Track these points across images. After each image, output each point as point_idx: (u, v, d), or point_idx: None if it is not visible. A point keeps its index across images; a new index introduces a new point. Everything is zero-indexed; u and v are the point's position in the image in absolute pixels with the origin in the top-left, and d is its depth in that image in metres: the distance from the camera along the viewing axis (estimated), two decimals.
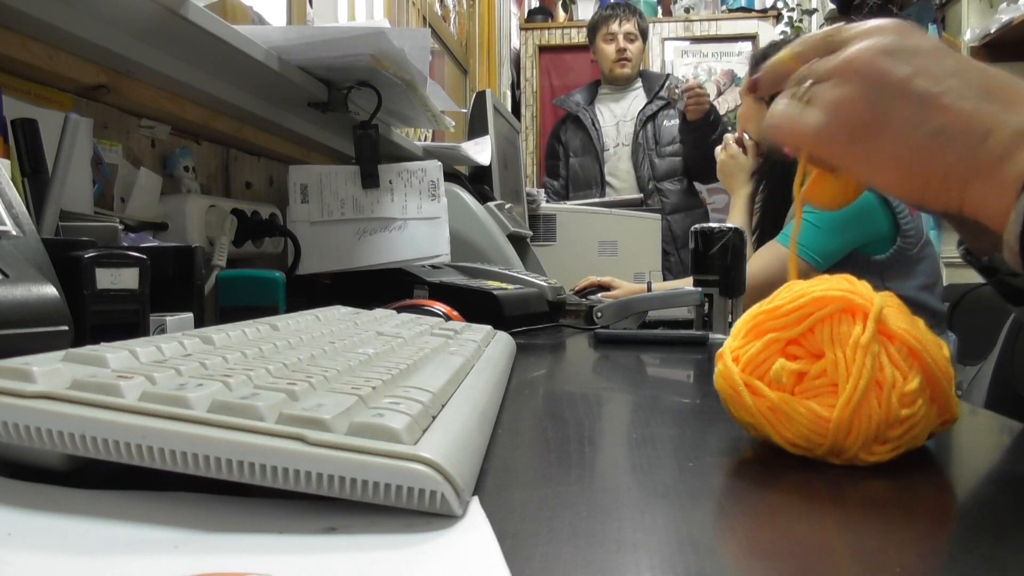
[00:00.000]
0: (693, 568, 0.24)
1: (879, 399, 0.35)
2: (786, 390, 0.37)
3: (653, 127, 2.74)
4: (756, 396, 0.37)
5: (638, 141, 2.74)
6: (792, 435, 0.36)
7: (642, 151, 2.73)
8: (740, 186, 1.64)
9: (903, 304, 0.39)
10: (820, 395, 0.36)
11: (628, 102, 2.83)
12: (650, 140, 2.74)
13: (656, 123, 2.75)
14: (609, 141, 2.81)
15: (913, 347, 0.36)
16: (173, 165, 0.95)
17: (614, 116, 2.84)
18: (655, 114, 2.75)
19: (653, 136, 2.73)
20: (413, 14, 2.37)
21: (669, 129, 2.74)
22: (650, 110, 2.75)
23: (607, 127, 2.83)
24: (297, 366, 0.36)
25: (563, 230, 1.98)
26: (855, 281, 0.38)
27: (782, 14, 3.86)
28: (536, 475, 0.35)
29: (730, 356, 0.39)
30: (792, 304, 0.38)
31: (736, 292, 0.97)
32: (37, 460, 0.29)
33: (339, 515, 0.26)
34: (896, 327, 0.36)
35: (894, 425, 0.35)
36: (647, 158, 2.72)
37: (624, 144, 2.80)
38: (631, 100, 2.83)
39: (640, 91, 2.84)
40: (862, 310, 0.36)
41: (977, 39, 2.81)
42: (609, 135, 2.82)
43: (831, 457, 0.36)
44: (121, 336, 0.39)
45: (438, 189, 1.09)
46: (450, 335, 0.58)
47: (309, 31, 0.99)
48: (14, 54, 0.68)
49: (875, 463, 0.35)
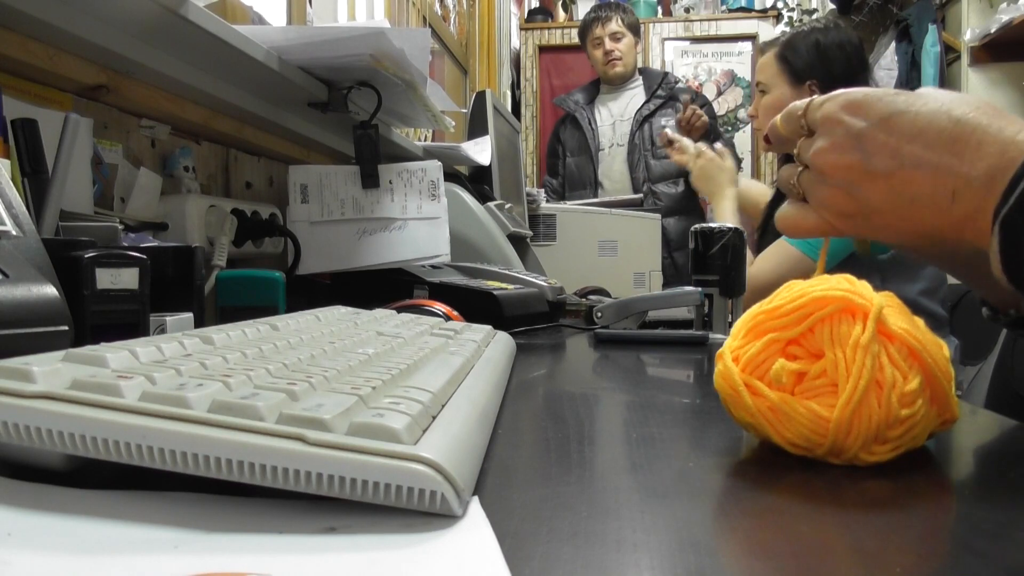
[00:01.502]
0: (693, 568, 0.24)
1: (879, 399, 0.35)
2: (786, 390, 0.37)
3: (650, 127, 2.72)
4: (756, 396, 0.37)
5: (634, 141, 2.72)
6: (792, 435, 0.36)
7: (638, 152, 2.71)
8: (722, 188, 1.61)
9: (903, 304, 0.39)
10: (820, 395, 0.36)
11: (626, 100, 2.82)
12: (646, 140, 2.72)
13: (653, 123, 2.73)
14: (604, 141, 2.80)
15: (913, 347, 0.36)
16: (173, 165, 0.95)
17: (611, 115, 2.82)
18: (652, 114, 2.73)
19: (649, 137, 2.71)
20: (413, 14, 2.37)
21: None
22: (647, 110, 2.74)
23: (603, 127, 2.82)
24: (297, 366, 0.36)
25: (563, 230, 1.98)
26: (855, 281, 0.38)
27: (782, 14, 3.86)
28: (536, 475, 0.35)
29: (730, 356, 0.39)
30: (792, 304, 0.38)
31: (736, 292, 0.97)
32: (37, 460, 0.29)
33: (339, 515, 0.26)
34: (896, 327, 0.36)
35: (894, 425, 0.35)
36: (643, 159, 2.70)
37: (620, 144, 2.78)
38: (629, 98, 2.82)
39: (640, 89, 2.82)
40: (862, 310, 0.36)
41: (977, 39, 2.81)
42: (605, 135, 2.80)
43: (831, 457, 0.36)
44: (121, 336, 0.39)
45: (438, 189, 1.09)
46: (450, 335, 0.58)
47: (309, 31, 0.99)
48: (14, 54, 0.68)
49: (875, 463, 0.35)
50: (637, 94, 2.82)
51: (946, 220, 0.40)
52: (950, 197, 0.39)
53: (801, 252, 1.35)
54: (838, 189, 0.44)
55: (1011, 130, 0.38)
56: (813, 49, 1.46)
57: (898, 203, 0.42)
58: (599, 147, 2.79)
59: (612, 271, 1.90)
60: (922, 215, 0.41)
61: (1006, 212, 0.37)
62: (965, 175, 0.39)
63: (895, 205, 0.42)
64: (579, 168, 2.79)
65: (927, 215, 0.41)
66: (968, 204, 0.39)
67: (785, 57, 1.49)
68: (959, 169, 0.39)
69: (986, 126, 0.39)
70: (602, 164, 2.79)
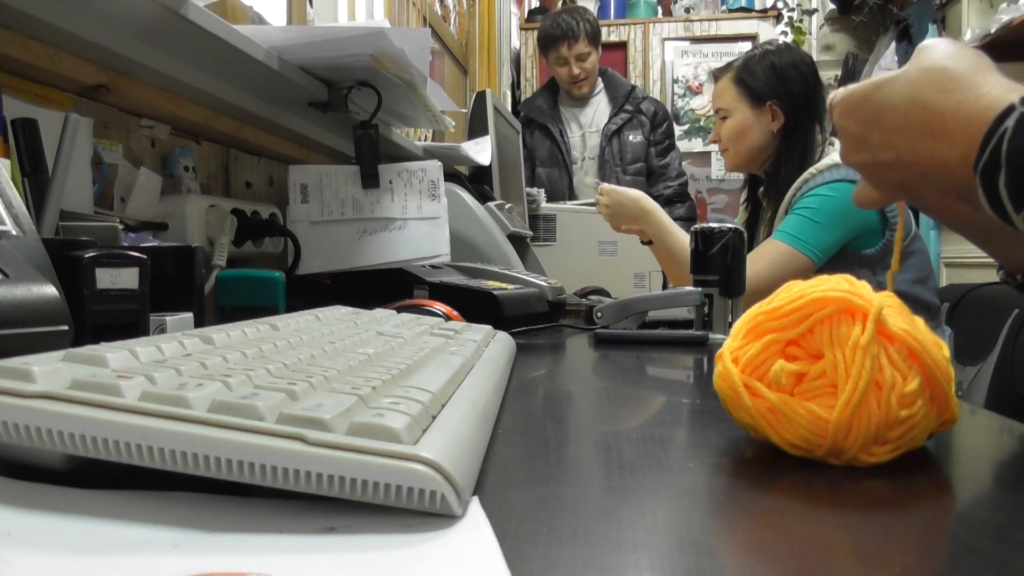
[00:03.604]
0: (693, 568, 0.24)
1: (878, 400, 0.35)
2: (785, 391, 0.37)
3: (619, 142, 2.67)
4: (755, 397, 0.37)
5: (604, 157, 2.67)
6: (791, 436, 0.36)
7: (608, 167, 2.66)
8: (646, 216, 1.46)
9: (904, 304, 0.39)
10: (819, 396, 0.36)
11: (592, 111, 2.75)
12: (615, 156, 2.67)
13: (621, 138, 2.67)
14: (577, 154, 2.73)
15: (913, 348, 0.36)
16: (173, 165, 0.95)
17: (580, 127, 2.75)
18: (619, 129, 2.67)
19: (618, 152, 2.66)
20: (413, 14, 2.37)
21: (635, 146, 2.67)
22: (614, 125, 2.67)
23: (574, 138, 2.74)
24: (297, 366, 0.36)
25: (563, 230, 1.98)
26: (855, 282, 0.38)
27: (782, 14, 3.85)
28: (536, 475, 0.35)
29: (730, 357, 0.39)
30: (792, 305, 0.38)
31: (736, 292, 0.97)
32: (37, 460, 0.29)
33: (339, 515, 0.26)
34: (896, 328, 0.36)
35: (893, 426, 0.35)
36: (614, 174, 2.64)
37: (591, 158, 2.73)
38: (595, 108, 2.75)
39: (603, 96, 2.74)
40: (862, 311, 0.36)
41: (977, 39, 2.81)
42: (576, 147, 2.74)
43: (830, 458, 0.36)
44: (121, 336, 0.39)
45: (438, 189, 1.09)
46: (450, 335, 0.58)
47: (309, 31, 0.99)
48: (14, 54, 0.68)
49: (875, 464, 0.35)
50: (601, 102, 2.74)
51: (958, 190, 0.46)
52: (948, 172, 0.45)
53: (792, 248, 1.35)
54: (871, 177, 0.53)
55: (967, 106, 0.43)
56: (770, 71, 1.48)
57: (916, 182, 0.48)
58: (572, 160, 2.72)
59: (612, 271, 1.90)
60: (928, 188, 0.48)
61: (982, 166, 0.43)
62: (948, 155, 0.45)
63: (917, 184, 0.49)
64: (551, 180, 2.69)
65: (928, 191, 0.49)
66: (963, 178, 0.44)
67: (743, 80, 1.49)
68: (941, 150, 0.45)
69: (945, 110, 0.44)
70: (575, 177, 2.73)
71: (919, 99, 0.46)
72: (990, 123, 0.42)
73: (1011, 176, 0.40)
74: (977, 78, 0.44)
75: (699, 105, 3.81)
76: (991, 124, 0.42)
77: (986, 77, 0.44)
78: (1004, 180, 0.41)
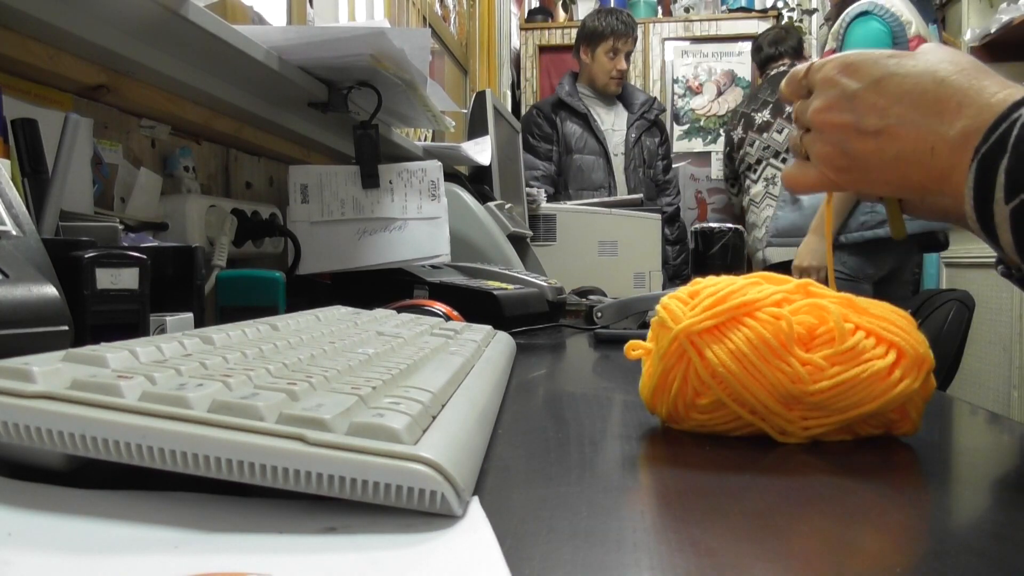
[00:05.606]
0: (693, 568, 0.24)
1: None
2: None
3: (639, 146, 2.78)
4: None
5: (630, 156, 2.77)
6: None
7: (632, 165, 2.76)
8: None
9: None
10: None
11: (614, 112, 2.84)
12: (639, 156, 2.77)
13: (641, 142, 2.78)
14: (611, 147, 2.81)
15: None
16: (173, 165, 0.95)
17: (603, 123, 2.83)
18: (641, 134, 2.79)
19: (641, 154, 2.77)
20: (413, 14, 2.37)
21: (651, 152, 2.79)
22: (635, 132, 2.78)
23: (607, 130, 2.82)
24: (297, 366, 0.36)
25: (563, 230, 1.98)
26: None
27: (782, 14, 3.85)
28: (536, 475, 0.35)
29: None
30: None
31: None
32: (37, 460, 0.29)
33: (339, 515, 0.26)
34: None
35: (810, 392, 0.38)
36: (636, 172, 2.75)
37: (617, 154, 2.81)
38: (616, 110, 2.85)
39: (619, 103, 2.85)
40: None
41: (977, 39, 2.81)
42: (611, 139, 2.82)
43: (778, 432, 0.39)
44: (121, 336, 0.39)
45: (438, 189, 1.09)
46: (450, 335, 0.58)
47: (309, 31, 0.99)
48: (14, 54, 0.68)
49: (819, 436, 0.38)
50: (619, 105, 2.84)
51: (927, 175, 0.44)
52: (929, 153, 0.43)
53: None
54: (832, 144, 0.48)
55: (990, 91, 0.42)
56: None
57: (885, 159, 0.46)
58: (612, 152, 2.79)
59: (612, 271, 1.90)
60: (907, 170, 0.45)
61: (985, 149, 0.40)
62: (943, 134, 0.43)
63: (883, 160, 0.46)
64: (589, 168, 2.75)
65: (911, 170, 0.45)
66: (945, 160, 0.43)
67: None
68: (938, 128, 0.43)
69: (967, 88, 0.42)
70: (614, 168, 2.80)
71: (939, 73, 0.44)
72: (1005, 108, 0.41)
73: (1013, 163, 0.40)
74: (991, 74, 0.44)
75: (699, 105, 3.81)
76: (1005, 109, 0.41)
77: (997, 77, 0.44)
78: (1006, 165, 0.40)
